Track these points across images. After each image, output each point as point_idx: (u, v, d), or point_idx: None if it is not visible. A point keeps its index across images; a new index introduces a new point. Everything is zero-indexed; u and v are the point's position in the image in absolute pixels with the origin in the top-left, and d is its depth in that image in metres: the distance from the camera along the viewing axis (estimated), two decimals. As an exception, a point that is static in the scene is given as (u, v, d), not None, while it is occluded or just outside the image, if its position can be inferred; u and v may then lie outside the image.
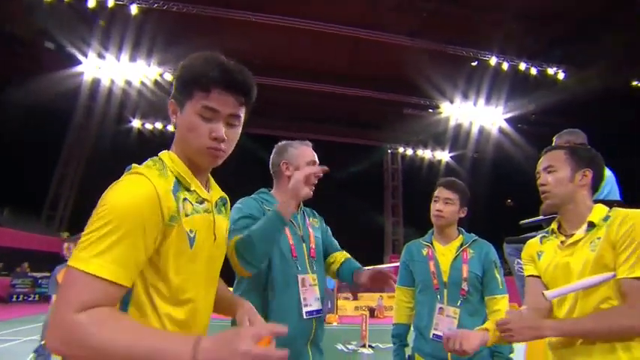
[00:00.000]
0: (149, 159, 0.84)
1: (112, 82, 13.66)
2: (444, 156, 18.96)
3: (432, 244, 1.77)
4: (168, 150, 0.87)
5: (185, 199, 0.79)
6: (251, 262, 1.14)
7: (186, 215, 0.78)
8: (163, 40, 12.04)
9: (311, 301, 1.33)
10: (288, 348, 1.27)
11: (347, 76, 14.05)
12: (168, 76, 13.07)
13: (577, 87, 12.44)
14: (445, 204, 1.71)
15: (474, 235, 1.76)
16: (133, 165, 0.80)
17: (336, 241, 1.61)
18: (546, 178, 1.25)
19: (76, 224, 13.77)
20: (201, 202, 0.84)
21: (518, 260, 2.54)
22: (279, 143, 1.52)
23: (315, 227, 1.52)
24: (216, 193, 0.93)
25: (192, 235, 0.78)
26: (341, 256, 1.57)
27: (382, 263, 17.71)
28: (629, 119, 12.69)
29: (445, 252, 1.73)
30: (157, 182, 0.74)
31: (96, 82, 13.96)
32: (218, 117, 0.80)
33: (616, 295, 1.10)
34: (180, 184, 0.80)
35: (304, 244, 1.41)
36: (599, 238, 1.14)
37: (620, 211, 1.16)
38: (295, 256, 1.36)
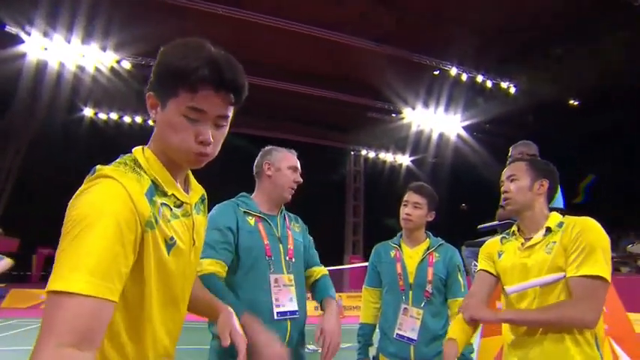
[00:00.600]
0: (120, 157, 0.75)
1: (62, 65, 12.52)
2: (404, 160, 19.64)
3: (400, 246, 1.83)
4: (144, 145, 0.79)
5: (163, 203, 0.73)
6: None
7: (168, 221, 0.72)
8: (120, 23, 11.25)
9: (284, 302, 1.32)
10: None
11: (313, 76, 14.08)
12: (127, 64, 12.25)
13: (525, 101, 13.51)
14: (414, 208, 1.78)
15: (440, 239, 1.84)
16: (98, 167, 0.70)
17: (316, 255, 1.60)
18: (509, 186, 1.38)
19: (11, 221, 12.54)
20: (180, 206, 0.77)
21: (475, 262, 2.69)
22: (266, 147, 1.55)
23: (295, 232, 1.52)
24: (197, 192, 0.86)
25: (171, 243, 0.72)
26: (319, 271, 1.57)
27: (342, 264, 17.96)
28: (573, 134, 14.00)
29: (412, 254, 1.79)
30: (127, 184, 0.66)
31: (42, 65, 12.72)
32: (205, 118, 0.72)
33: (566, 292, 1.22)
34: (156, 189, 0.73)
35: (281, 245, 1.41)
36: (554, 242, 1.27)
37: (572, 219, 1.29)
38: (270, 255, 1.36)
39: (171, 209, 0.75)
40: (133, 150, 0.78)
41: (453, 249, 1.81)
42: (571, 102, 14.12)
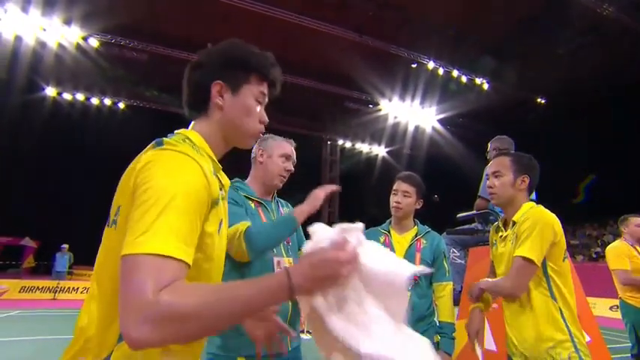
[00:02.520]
0: (174, 135, 0.79)
1: (19, 39, 11.53)
2: (380, 151, 19.94)
3: (389, 232, 1.91)
4: (185, 129, 0.83)
5: (217, 176, 0.81)
6: (257, 252, 1.24)
7: (222, 199, 0.79)
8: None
9: None
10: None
11: (291, 64, 13.88)
12: (94, 42, 11.48)
13: (497, 97, 14.05)
14: (403, 196, 1.85)
15: (427, 227, 1.93)
16: (166, 140, 0.74)
17: (303, 238, 1.68)
18: (494, 182, 1.50)
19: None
20: (221, 188, 0.83)
21: (453, 249, 2.84)
22: (264, 135, 1.58)
23: None
24: (224, 177, 0.91)
25: (220, 220, 0.79)
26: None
27: (317, 252, 18.18)
28: (536, 130, 14.77)
29: (401, 240, 1.88)
30: (200, 161, 0.72)
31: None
32: (264, 103, 0.89)
33: (542, 281, 1.40)
34: (215, 172, 0.80)
35: None
36: (516, 234, 1.43)
37: (529, 212, 1.43)
38: None
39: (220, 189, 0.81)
40: (181, 131, 0.82)
41: (439, 237, 1.91)
42: (538, 100, 14.83)
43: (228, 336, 1.29)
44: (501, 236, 1.50)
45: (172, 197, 0.63)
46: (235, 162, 1.58)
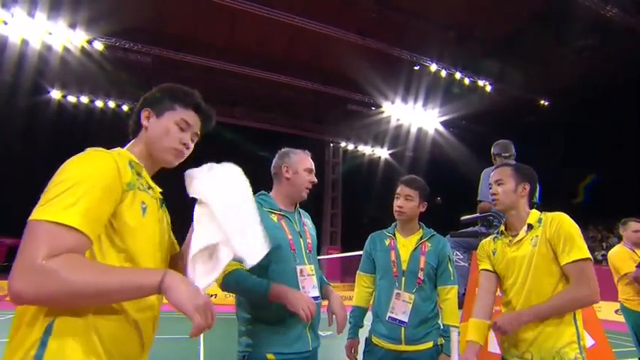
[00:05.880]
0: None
1: (25, 43, 11.64)
2: (382, 153, 19.94)
3: (394, 235, 1.92)
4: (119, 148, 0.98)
5: (139, 174, 0.94)
6: (225, 290, 1.38)
7: (139, 189, 0.91)
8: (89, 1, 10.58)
9: (309, 289, 1.48)
10: (289, 331, 1.38)
11: (294, 66, 13.93)
12: (99, 45, 11.57)
13: (499, 99, 14.03)
14: (406, 200, 1.86)
15: (432, 230, 1.93)
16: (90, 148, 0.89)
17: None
18: (497, 189, 1.61)
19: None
20: (149, 188, 0.98)
21: (457, 252, 2.84)
22: (282, 149, 1.68)
23: (309, 226, 1.68)
24: (157, 189, 1.06)
25: (144, 206, 0.91)
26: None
27: (319, 254, 18.14)
28: (539, 132, 14.71)
29: (406, 243, 1.88)
30: (112, 153, 0.87)
31: (1, 41, 11.73)
32: (188, 130, 1.05)
33: (562, 279, 1.42)
34: (132, 167, 0.93)
35: (301, 239, 1.56)
36: (537, 236, 1.48)
37: (549, 215, 1.51)
38: (294, 249, 1.50)
39: (142, 185, 0.95)
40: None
41: (444, 240, 1.91)
42: (541, 102, 14.80)
43: (258, 334, 1.39)
44: (510, 241, 1.55)
45: (80, 177, 0.76)
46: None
